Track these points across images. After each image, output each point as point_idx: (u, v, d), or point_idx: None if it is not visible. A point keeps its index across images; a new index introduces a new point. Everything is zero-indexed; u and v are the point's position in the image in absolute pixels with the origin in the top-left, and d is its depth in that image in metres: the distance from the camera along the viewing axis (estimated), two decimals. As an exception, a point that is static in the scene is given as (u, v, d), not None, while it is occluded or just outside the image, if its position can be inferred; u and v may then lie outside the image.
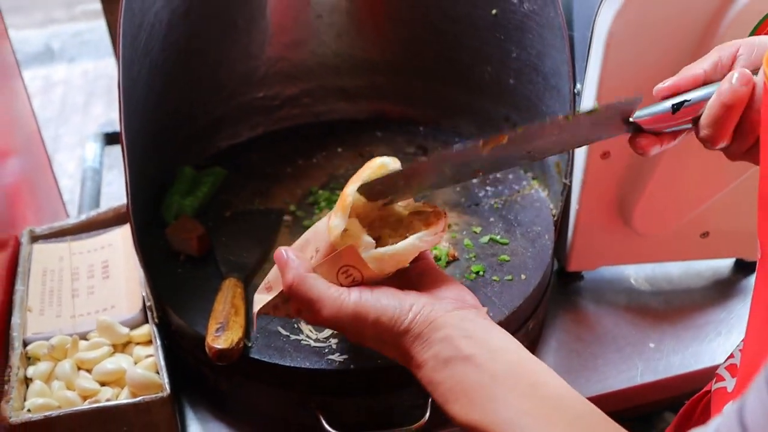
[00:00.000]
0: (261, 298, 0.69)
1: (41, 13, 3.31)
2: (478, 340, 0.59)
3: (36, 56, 3.22)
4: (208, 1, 0.96)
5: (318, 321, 0.64)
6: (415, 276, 0.68)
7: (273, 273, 0.69)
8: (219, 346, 0.74)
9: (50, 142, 2.95)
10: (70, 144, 2.95)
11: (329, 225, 0.64)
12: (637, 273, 1.05)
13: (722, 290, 1.03)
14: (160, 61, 0.91)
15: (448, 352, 0.59)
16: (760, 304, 0.55)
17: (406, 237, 0.65)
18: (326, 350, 0.77)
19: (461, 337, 0.59)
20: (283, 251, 0.66)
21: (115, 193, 2.64)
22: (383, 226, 0.69)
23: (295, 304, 0.66)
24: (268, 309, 0.68)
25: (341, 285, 0.64)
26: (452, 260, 0.89)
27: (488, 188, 1.01)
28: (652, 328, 0.97)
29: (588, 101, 0.86)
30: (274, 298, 0.67)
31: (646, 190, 0.89)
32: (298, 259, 0.65)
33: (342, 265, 0.63)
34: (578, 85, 0.88)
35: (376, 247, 0.64)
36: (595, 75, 0.84)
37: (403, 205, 0.70)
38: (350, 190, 0.64)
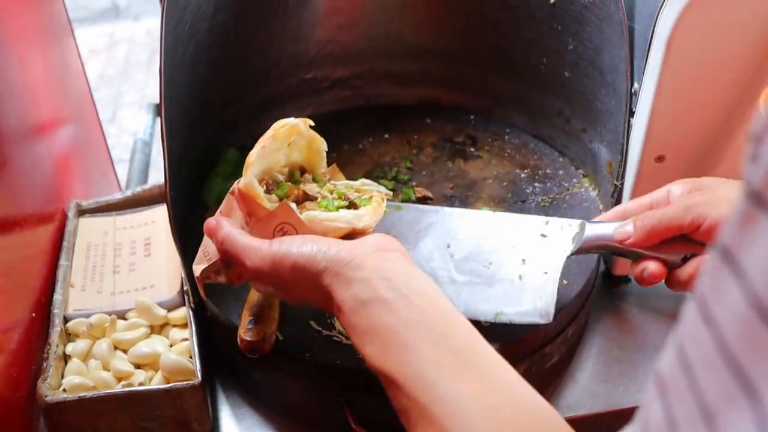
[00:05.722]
0: (199, 267, 0.70)
1: (107, -29, 3.35)
2: (396, 284, 0.58)
3: (102, 13, 3.27)
4: (259, -20, 0.95)
5: (245, 275, 0.66)
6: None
7: (209, 241, 0.70)
8: (250, 339, 0.74)
9: (112, 99, 3.00)
10: (132, 101, 2.99)
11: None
12: (687, 279, 1.01)
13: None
14: (207, 43, 0.90)
15: (366, 294, 0.58)
16: None
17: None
18: (357, 348, 0.76)
19: (380, 278, 0.58)
20: (212, 219, 0.68)
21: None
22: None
23: (235, 269, 0.67)
24: (209, 273, 0.69)
25: None
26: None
27: (536, 185, 0.98)
28: (698, 338, 0.93)
29: (645, 103, 0.82)
30: (213, 263, 0.68)
31: (701, 199, 0.85)
32: (227, 221, 0.67)
33: (277, 223, 0.65)
34: (636, 85, 0.85)
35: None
36: (654, 76, 0.80)
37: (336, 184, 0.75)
38: (253, 151, 0.69)
